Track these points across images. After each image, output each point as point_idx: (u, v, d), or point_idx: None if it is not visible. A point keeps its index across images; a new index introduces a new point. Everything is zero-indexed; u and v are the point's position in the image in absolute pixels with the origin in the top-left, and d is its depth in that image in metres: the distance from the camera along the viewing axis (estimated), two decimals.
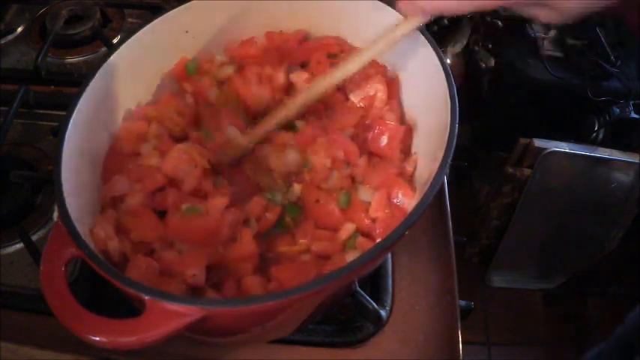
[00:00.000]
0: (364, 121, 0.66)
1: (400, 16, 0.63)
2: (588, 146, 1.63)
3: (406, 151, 0.66)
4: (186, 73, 0.71)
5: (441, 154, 0.52)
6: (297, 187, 0.62)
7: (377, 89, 0.67)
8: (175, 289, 0.52)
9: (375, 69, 0.71)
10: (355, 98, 0.68)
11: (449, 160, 0.52)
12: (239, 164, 0.65)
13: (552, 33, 1.73)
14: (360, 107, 0.68)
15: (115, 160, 0.64)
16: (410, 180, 0.63)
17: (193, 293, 0.54)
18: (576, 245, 1.79)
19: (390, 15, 0.66)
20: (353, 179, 0.63)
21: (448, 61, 1.64)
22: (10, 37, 1.01)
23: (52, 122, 0.86)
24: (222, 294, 0.54)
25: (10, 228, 0.73)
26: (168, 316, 0.44)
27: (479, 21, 1.62)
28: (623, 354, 1.09)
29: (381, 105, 0.67)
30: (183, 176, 0.60)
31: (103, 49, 0.97)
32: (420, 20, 0.60)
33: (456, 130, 0.54)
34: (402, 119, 0.69)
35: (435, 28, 1.60)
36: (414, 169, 0.63)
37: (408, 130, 0.66)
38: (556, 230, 1.76)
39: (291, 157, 0.62)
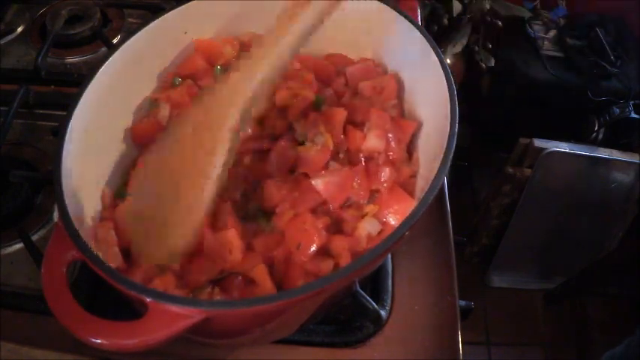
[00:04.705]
0: None
1: None
2: (588, 146, 1.63)
3: (407, 150, 0.66)
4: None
5: (441, 154, 0.52)
6: None
7: (387, 83, 0.67)
8: (177, 290, 0.52)
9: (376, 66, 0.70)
10: (364, 88, 0.67)
11: (449, 160, 0.52)
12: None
13: (552, 33, 1.73)
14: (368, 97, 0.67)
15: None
16: (410, 179, 0.63)
17: (194, 291, 0.54)
18: (576, 245, 1.79)
19: (390, 15, 0.66)
20: None
21: (448, 61, 1.64)
22: (10, 37, 1.01)
23: (52, 122, 0.86)
24: (225, 289, 0.54)
25: (10, 228, 0.73)
26: (171, 318, 0.44)
27: (479, 21, 1.62)
28: None
29: (388, 98, 0.67)
30: None
31: (103, 49, 0.97)
32: None
33: (456, 130, 0.54)
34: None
35: (435, 28, 1.60)
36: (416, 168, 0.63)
37: (414, 127, 0.65)
38: (556, 230, 1.75)
39: None
